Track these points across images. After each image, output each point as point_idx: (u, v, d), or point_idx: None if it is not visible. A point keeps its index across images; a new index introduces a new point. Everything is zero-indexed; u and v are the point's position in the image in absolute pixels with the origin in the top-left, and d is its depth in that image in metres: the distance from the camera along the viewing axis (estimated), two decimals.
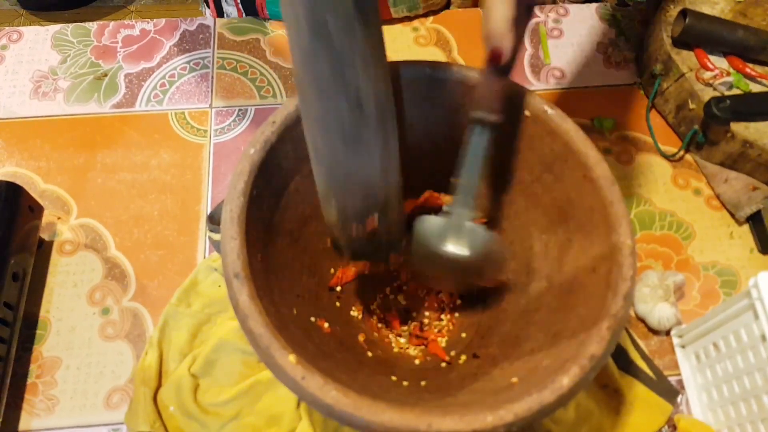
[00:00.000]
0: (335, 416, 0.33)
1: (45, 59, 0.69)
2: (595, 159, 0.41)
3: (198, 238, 0.59)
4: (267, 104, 0.67)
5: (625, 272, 0.37)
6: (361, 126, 0.36)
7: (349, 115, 0.35)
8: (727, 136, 0.60)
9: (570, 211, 0.43)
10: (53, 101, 0.66)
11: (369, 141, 0.37)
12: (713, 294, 0.58)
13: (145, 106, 0.66)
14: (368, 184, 0.39)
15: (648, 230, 0.61)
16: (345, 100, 0.35)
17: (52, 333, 0.54)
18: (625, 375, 0.53)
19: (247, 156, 0.40)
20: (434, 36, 0.73)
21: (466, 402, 0.37)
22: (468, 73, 0.44)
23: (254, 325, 0.34)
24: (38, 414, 0.51)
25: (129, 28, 0.72)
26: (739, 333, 0.47)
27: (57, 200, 0.60)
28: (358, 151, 0.37)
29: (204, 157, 0.63)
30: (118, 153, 0.63)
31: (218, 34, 0.71)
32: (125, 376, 0.53)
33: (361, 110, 0.35)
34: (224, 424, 0.49)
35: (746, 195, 0.60)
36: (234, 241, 0.36)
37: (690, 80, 0.62)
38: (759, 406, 0.45)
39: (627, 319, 0.40)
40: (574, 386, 0.33)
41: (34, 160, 0.63)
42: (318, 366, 0.34)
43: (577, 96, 0.69)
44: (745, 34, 0.62)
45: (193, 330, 0.52)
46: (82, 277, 0.57)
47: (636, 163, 0.65)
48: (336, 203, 0.40)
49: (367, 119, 0.36)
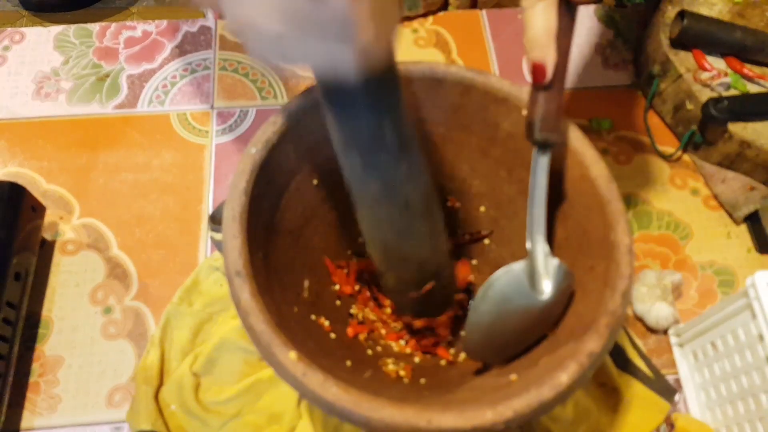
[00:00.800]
0: (336, 413, 0.33)
1: (47, 60, 0.69)
2: (593, 158, 0.41)
3: (199, 238, 0.59)
4: (268, 105, 0.67)
5: (623, 270, 0.37)
6: (410, 222, 0.39)
7: (399, 216, 0.39)
8: (724, 136, 0.60)
9: (568, 210, 0.43)
10: (55, 102, 0.67)
11: (418, 232, 0.40)
12: (711, 293, 0.58)
13: (147, 107, 0.67)
14: (422, 262, 0.43)
15: (646, 230, 0.61)
16: (395, 206, 0.38)
17: (54, 332, 0.54)
18: (623, 373, 0.53)
19: (249, 155, 0.40)
20: (433, 37, 0.73)
21: (466, 399, 0.38)
22: (467, 74, 0.45)
23: (256, 322, 0.34)
24: (40, 412, 0.51)
25: (131, 29, 0.72)
26: (737, 332, 0.47)
27: (59, 200, 0.61)
28: (409, 241, 0.40)
29: (205, 158, 0.64)
30: (120, 153, 0.64)
31: (219, 36, 0.72)
32: (127, 375, 0.53)
33: (409, 210, 0.39)
34: (225, 423, 0.49)
35: (744, 195, 0.61)
36: (236, 239, 0.37)
37: (688, 81, 0.62)
38: (756, 404, 0.45)
39: (625, 316, 0.40)
40: (573, 383, 0.34)
41: (37, 160, 0.63)
42: (319, 363, 0.34)
43: (575, 97, 0.69)
44: (743, 35, 0.63)
45: (194, 329, 0.53)
46: (85, 276, 0.57)
47: (634, 163, 0.65)
48: (394, 275, 0.44)
49: (415, 217, 0.39)
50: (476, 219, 0.51)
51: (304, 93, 0.42)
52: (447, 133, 0.47)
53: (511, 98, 0.44)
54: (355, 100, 0.34)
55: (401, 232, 0.40)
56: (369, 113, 0.34)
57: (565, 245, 0.43)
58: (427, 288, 0.44)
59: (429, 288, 0.44)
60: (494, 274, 0.39)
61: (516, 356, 0.41)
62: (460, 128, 0.47)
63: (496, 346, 0.41)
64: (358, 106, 0.34)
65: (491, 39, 0.73)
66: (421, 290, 0.44)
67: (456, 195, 0.51)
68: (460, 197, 0.51)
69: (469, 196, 0.50)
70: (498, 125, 0.46)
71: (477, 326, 0.40)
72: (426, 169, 0.40)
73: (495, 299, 0.39)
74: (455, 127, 0.47)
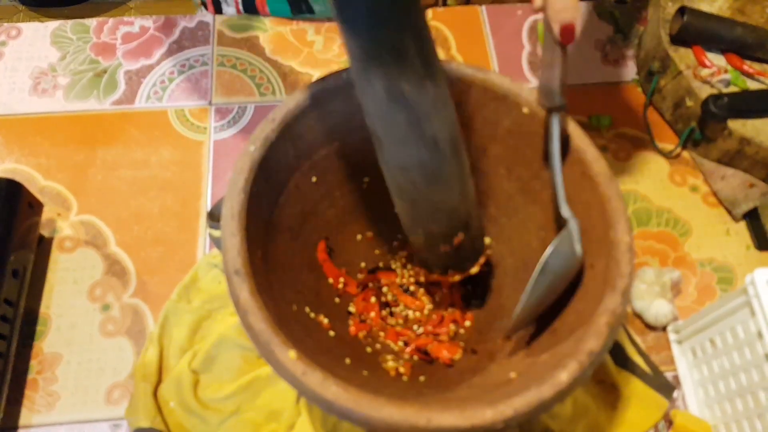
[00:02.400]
0: (335, 411, 0.33)
1: (44, 56, 0.69)
2: (594, 156, 0.41)
3: (198, 235, 0.59)
4: (266, 102, 0.67)
5: (622, 268, 0.37)
6: (440, 165, 0.39)
7: (429, 157, 0.38)
8: (724, 133, 0.60)
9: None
10: (53, 98, 0.66)
11: (448, 175, 0.40)
12: (710, 290, 0.58)
13: (144, 103, 0.66)
14: (451, 211, 0.42)
15: (645, 227, 0.61)
16: (423, 146, 0.38)
17: (52, 329, 0.54)
18: (621, 370, 0.53)
19: (247, 153, 0.40)
20: (432, 33, 0.73)
21: (465, 397, 0.38)
22: (466, 71, 0.44)
23: (254, 321, 0.34)
24: (39, 410, 0.51)
25: (128, 24, 0.72)
26: (736, 330, 0.47)
27: (57, 197, 0.61)
28: (439, 186, 0.40)
29: (204, 154, 0.63)
30: (118, 150, 0.63)
31: (218, 32, 0.71)
32: (126, 372, 0.53)
33: (438, 151, 0.38)
34: (224, 420, 0.49)
35: (743, 192, 0.61)
36: (234, 237, 0.37)
37: (687, 78, 0.62)
38: (755, 401, 0.46)
39: (625, 315, 0.40)
40: (573, 381, 0.34)
41: (34, 156, 0.63)
42: (318, 362, 0.34)
43: (575, 93, 0.69)
44: (743, 31, 0.63)
45: (193, 326, 0.53)
46: (83, 273, 0.57)
47: (633, 160, 0.65)
48: (423, 231, 0.44)
49: (445, 158, 0.39)
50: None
51: (302, 89, 0.42)
52: None
53: (511, 95, 0.44)
54: (375, 11, 0.33)
55: (431, 177, 0.40)
56: (391, 25, 0.34)
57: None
58: (458, 240, 0.44)
59: (460, 240, 0.44)
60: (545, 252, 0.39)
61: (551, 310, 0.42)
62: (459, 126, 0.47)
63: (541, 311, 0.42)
64: (378, 17, 0.34)
65: (491, 35, 0.73)
66: (453, 243, 0.44)
67: None
68: None
69: None
70: (497, 123, 0.46)
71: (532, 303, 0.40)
72: (451, 103, 0.39)
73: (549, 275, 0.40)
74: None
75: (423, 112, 0.37)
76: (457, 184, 0.41)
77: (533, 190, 0.46)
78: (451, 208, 0.42)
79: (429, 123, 0.37)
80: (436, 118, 0.37)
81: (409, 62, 0.35)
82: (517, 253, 0.48)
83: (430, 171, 0.39)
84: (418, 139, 0.38)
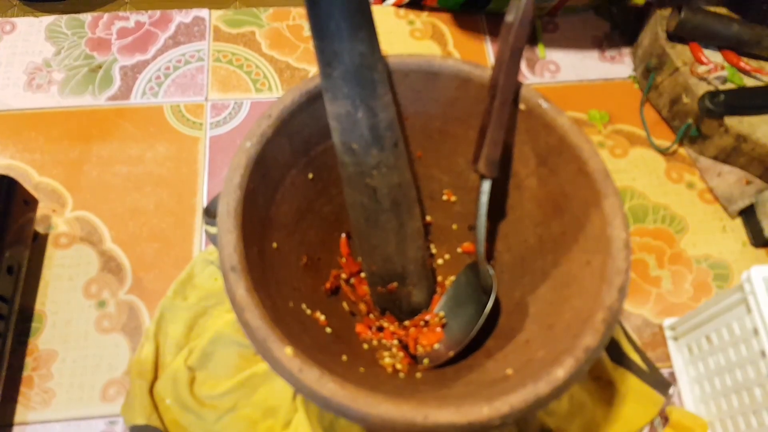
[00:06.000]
0: (332, 408, 0.33)
1: (39, 51, 0.69)
2: (590, 152, 0.41)
3: (194, 231, 0.59)
4: (263, 97, 0.67)
5: (619, 265, 0.37)
6: (378, 213, 0.43)
7: (369, 204, 0.43)
8: (720, 130, 0.60)
9: (564, 205, 0.43)
10: (47, 93, 0.66)
11: (384, 224, 0.44)
12: (706, 287, 0.58)
13: (140, 99, 0.66)
14: (386, 257, 0.46)
15: (641, 224, 0.61)
16: (366, 195, 0.43)
17: (47, 326, 0.54)
18: (617, 367, 0.53)
19: (244, 149, 0.40)
20: (430, 30, 0.73)
21: (462, 394, 0.38)
22: (463, 67, 0.44)
23: (251, 317, 0.34)
24: (34, 407, 0.51)
25: (123, 19, 0.71)
26: (732, 326, 0.47)
27: (52, 193, 0.60)
28: (376, 230, 0.45)
29: (200, 150, 0.63)
30: (114, 146, 0.63)
31: (213, 27, 0.71)
32: (121, 369, 0.53)
33: (378, 203, 0.43)
34: (221, 417, 0.49)
35: (739, 189, 0.61)
36: (230, 234, 0.37)
37: (684, 74, 0.62)
38: (750, 398, 0.46)
39: (621, 311, 0.40)
40: (569, 378, 0.34)
41: (29, 152, 0.62)
42: (314, 358, 0.34)
43: (572, 90, 0.69)
44: (740, 28, 0.63)
45: (189, 323, 0.53)
46: (78, 270, 0.57)
47: (629, 156, 0.65)
48: (366, 266, 0.48)
49: (383, 209, 0.43)
50: (473, 212, 0.51)
51: (299, 86, 0.42)
52: (443, 126, 0.47)
53: None
54: (335, 85, 0.38)
55: (368, 219, 0.44)
56: (345, 100, 0.39)
57: (562, 240, 0.43)
58: (391, 287, 0.47)
59: (394, 288, 0.47)
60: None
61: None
62: (456, 121, 0.47)
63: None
64: (336, 92, 0.39)
65: (488, 31, 0.73)
66: (387, 288, 0.47)
67: (452, 188, 0.51)
68: (457, 190, 0.51)
69: (466, 190, 0.50)
70: None
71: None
72: (403, 170, 0.43)
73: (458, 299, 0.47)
74: (452, 121, 0.47)
75: (366, 169, 0.41)
76: (394, 236, 0.45)
77: (529, 186, 0.46)
78: (386, 254, 0.46)
79: (371, 179, 0.42)
80: (378, 177, 0.42)
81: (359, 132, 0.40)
82: (513, 249, 0.48)
83: (367, 215, 0.44)
84: (362, 188, 0.42)
